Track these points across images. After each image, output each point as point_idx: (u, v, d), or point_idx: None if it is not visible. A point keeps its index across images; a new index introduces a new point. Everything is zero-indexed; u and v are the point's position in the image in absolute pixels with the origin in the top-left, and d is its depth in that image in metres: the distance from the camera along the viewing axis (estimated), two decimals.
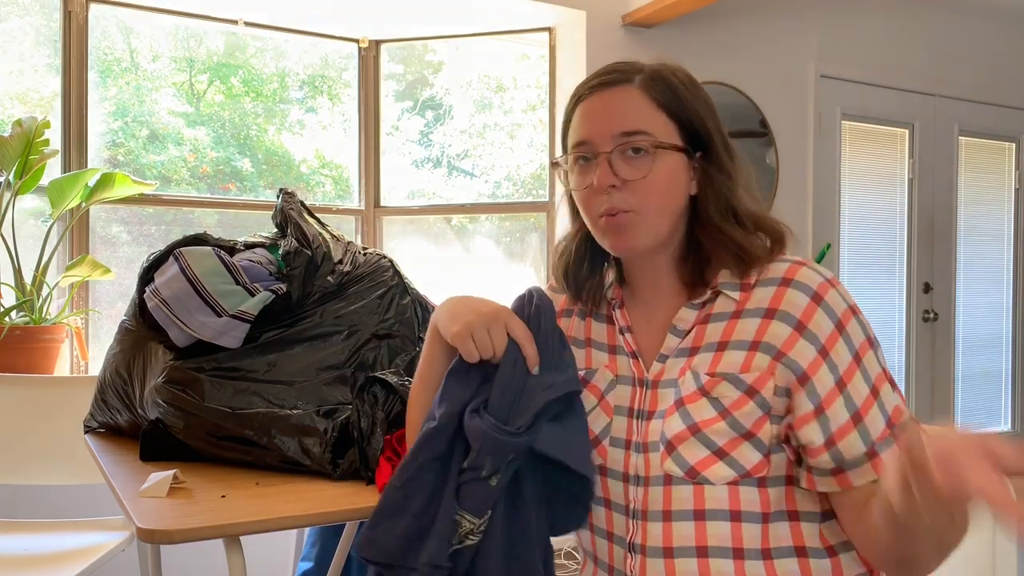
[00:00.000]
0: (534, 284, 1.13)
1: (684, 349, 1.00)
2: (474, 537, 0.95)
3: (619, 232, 0.99)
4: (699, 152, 1.01)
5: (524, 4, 3.01)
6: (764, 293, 0.97)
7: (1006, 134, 4.26)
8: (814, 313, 0.93)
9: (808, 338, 0.93)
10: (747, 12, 3.46)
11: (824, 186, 3.68)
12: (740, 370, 0.94)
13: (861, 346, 0.94)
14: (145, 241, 2.89)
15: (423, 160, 3.39)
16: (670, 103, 1.00)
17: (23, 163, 2.38)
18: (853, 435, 0.91)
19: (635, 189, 0.98)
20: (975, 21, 4.12)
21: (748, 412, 0.93)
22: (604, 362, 1.07)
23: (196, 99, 3.06)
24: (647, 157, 0.98)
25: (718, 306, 1.00)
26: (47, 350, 2.43)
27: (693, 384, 0.96)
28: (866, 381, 0.93)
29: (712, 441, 0.93)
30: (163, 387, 1.36)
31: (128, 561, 2.06)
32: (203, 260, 1.43)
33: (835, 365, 0.93)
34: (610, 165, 0.98)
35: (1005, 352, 4.32)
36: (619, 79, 1.01)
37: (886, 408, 0.93)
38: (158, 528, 1.03)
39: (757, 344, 0.95)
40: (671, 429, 0.95)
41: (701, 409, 0.95)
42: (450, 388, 1.01)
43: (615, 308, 1.09)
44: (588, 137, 1.01)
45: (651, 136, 0.98)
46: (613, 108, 1.00)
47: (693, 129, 1.01)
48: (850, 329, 0.94)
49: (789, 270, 0.97)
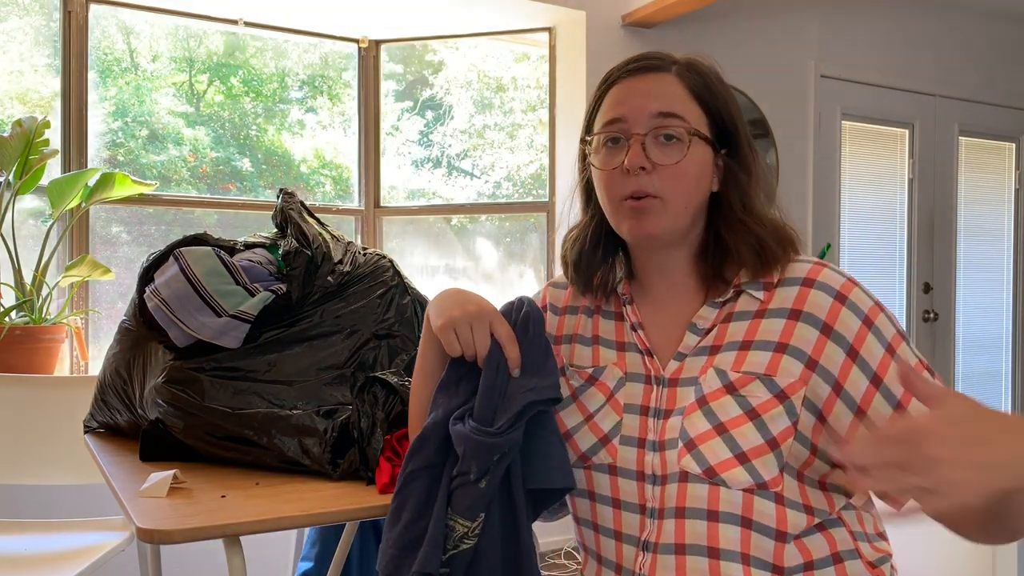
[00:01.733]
0: (534, 285, 1.13)
1: (704, 347, 0.99)
2: (469, 540, 0.94)
3: (641, 216, 0.97)
4: (724, 148, 1.01)
5: (524, 4, 3.01)
6: (787, 293, 0.96)
7: (1006, 134, 4.26)
8: (839, 312, 0.93)
9: (835, 339, 0.92)
10: (747, 12, 3.46)
11: (824, 186, 3.68)
12: (767, 370, 0.93)
13: (893, 339, 0.93)
14: (145, 241, 2.89)
15: (423, 160, 3.39)
16: (704, 94, 1.00)
17: (23, 163, 2.38)
18: None
19: (664, 174, 0.96)
20: (975, 21, 4.12)
21: (776, 416, 0.92)
22: (612, 360, 1.06)
23: (196, 99, 3.06)
24: (680, 144, 0.97)
25: (740, 305, 0.99)
26: (47, 350, 2.43)
27: (718, 381, 0.95)
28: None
29: (737, 444, 0.91)
30: (163, 387, 1.36)
31: (128, 561, 2.06)
32: (203, 260, 1.43)
33: (866, 363, 0.92)
34: (643, 147, 0.97)
35: (1005, 352, 4.32)
36: (656, 65, 1.01)
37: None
38: (158, 528, 1.03)
39: (784, 346, 0.94)
40: (694, 427, 0.94)
41: (726, 407, 0.93)
42: (438, 399, 1.01)
43: (625, 304, 1.07)
44: (622, 115, 0.98)
45: (687, 123, 0.97)
46: (650, 90, 0.99)
47: (723, 124, 1.00)
48: (879, 324, 0.93)
49: (811, 271, 0.97)
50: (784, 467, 0.92)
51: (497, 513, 0.96)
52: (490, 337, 1.00)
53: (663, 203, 0.97)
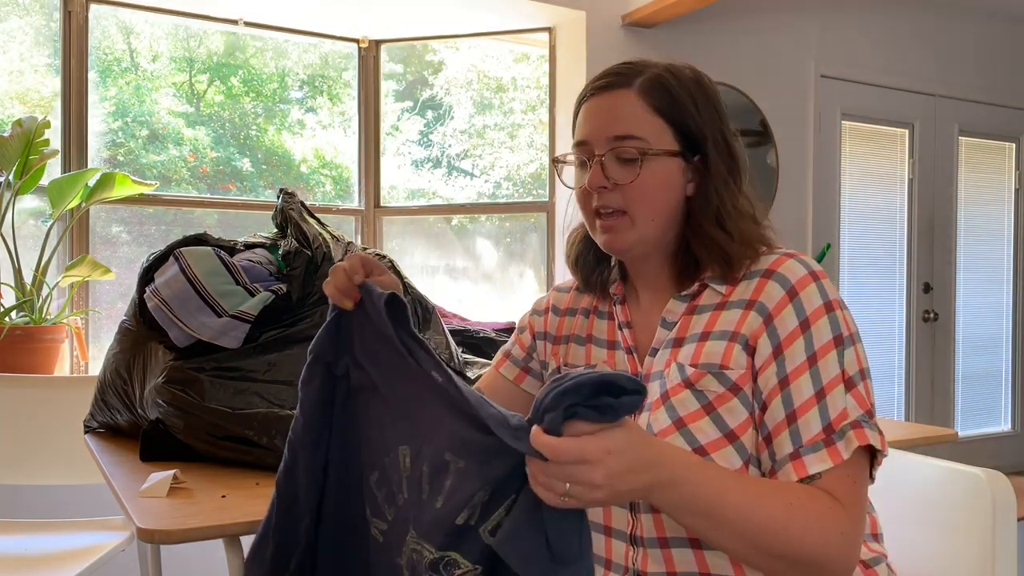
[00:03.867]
0: (534, 284, 1.14)
1: (671, 340, 1.02)
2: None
3: (610, 232, 1.03)
4: (696, 156, 1.02)
5: (524, 4, 3.01)
6: (748, 285, 0.99)
7: (1006, 134, 4.26)
8: (784, 308, 0.94)
9: (769, 333, 0.94)
10: (747, 12, 3.46)
11: (824, 186, 3.68)
12: (721, 361, 0.95)
13: (823, 347, 0.93)
14: (145, 241, 2.89)
15: (423, 160, 3.39)
16: (666, 108, 1.01)
17: (23, 163, 2.38)
18: (784, 436, 0.92)
19: (625, 191, 1.01)
20: (975, 21, 4.12)
21: (732, 409, 0.94)
22: (603, 358, 1.09)
23: (196, 99, 3.06)
24: (636, 163, 1.00)
25: (705, 298, 1.02)
26: (47, 350, 2.43)
27: (678, 376, 0.97)
28: (814, 383, 0.92)
29: (695, 438, 0.94)
30: (163, 387, 1.36)
31: (128, 561, 2.06)
32: (203, 260, 1.43)
33: (784, 364, 0.93)
34: (602, 168, 1.01)
35: (1005, 352, 4.32)
36: (618, 82, 1.03)
37: (828, 412, 0.91)
38: (158, 528, 1.03)
39: (736, 335, 0.96)
40: (657, 423, 0.96)
41: (685, 402, 0.95)
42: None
43: (616, 304, 1.11)
44: (585, 138, 1.04)
45: (642, 141, 1.00)
46: (607, 111, 1.02)
47: (689, 133, 1.02)
48: (816, 329, 0.93)
49: (775, 262, 0.98)
50: (749, 459, 0.94)
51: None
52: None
53: (630, 218, 1.02)
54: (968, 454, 3.98)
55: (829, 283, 0.97)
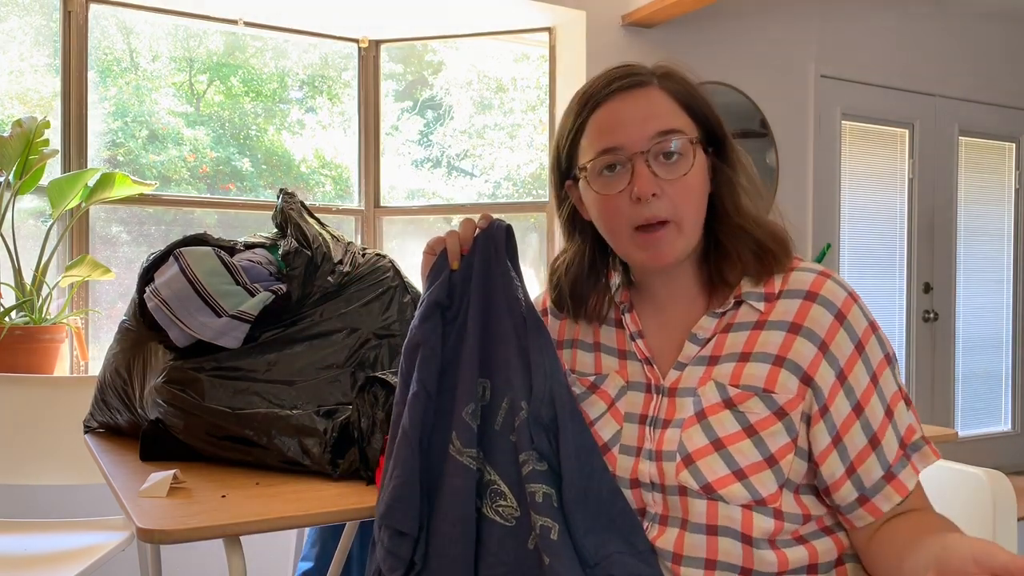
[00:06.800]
0: (534, 284, 1.13)
1: (703, 357, 0.97)
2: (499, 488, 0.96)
3: (657, 247, 0.95)
4: (712, 148, 1.00)
5: (524, 4, 3.01)
6: (789, 306, 0.95)
7: (1006, 134, 4.26)
8: (837, 333, 0.92)
9: (829, 360, 0.92)
10: (747, 12, 3.46)
11: (824, 186, 3.68)
12: (765, 384, 0.92)
13: (879, 366, 0.93)
14: (145, 241, 2.89)
15: (423, 160, 3.39)
16: (688, 100, 0.98)
17: (23, 163, 2.38)
18: (871, 459, 0.91)
19: (673, 194, 0.94)
20: (975, 21, 4.12)
21: (775, 433, 0.91)
22: (615, 368, 1.05)
23: (196, 99, 3.06)
24: (683, 158, 0.95)
25: (740, 315, 0.97)
26: (47, 350, 2.43)
27: (717, 395, 0.94)
28: (882, 403, 0.92)
29: (734, 460, 0.91)
30: (163, 387, 1.36)
31: (128, 561, 2.07)
32: (203, 260, 1.43)
33: (852, 389, 0.92)
34: (649, 170, 0.94)
35: (1005, 352, 4.32)
36: (638, 81, 0.97)
37: (899, 428, 0.93)
38: (158, 528, 1.03)
39: (782, 360, 0.93)
40: (692, 442, 0.93)
41: (724, 422, 0.92)
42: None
43: (624, 312, 1.06)
44: (618, 143, 0.95)
45: (685, 134, 0.95)
46: (641, 109, 0.95)
47: (709, 126, 0.99)
48: (870, 349, 0.93)
49: (815, 283, 0.95)
50: (785, 483, 0.92)
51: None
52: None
53: (677, 227, 0.95)
54: (968, 454, 3.98)
55: (864, 304, 0.97)
